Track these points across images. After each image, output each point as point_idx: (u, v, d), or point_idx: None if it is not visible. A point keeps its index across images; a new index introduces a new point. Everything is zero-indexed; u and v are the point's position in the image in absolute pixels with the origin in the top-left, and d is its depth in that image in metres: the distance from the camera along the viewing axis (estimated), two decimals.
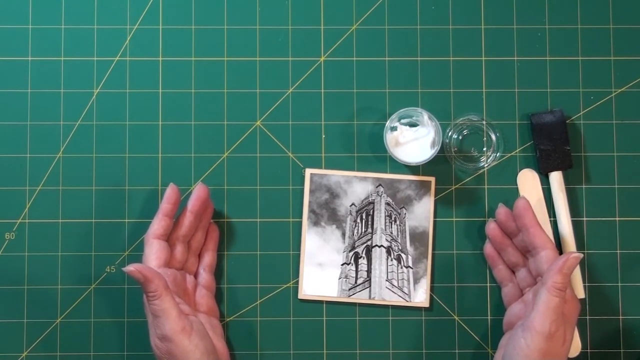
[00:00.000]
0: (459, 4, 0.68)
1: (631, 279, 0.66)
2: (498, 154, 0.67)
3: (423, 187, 0.66)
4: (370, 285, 0.65)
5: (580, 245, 0.66)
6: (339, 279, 0.65)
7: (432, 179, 0.66)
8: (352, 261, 0.65)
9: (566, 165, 0.65)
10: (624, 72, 0.67)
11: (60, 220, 0.66)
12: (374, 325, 0.66)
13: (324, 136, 0.67)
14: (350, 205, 0.66)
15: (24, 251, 0.66)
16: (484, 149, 0.67)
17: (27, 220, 0.66)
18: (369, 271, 0.65)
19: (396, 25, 0.68)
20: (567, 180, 0.66)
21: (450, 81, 0.67)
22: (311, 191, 0.65)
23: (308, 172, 0.66)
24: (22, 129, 0.67)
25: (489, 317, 0.66)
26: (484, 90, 0.67)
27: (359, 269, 0.65)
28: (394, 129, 0.64)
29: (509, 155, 0.67)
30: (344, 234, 0.66)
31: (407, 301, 0.65)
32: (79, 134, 0.67)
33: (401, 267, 0.65)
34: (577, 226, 0.66)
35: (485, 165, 0.67)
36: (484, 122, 0.67)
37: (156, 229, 0.60)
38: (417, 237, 0.66)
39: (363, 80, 0.67)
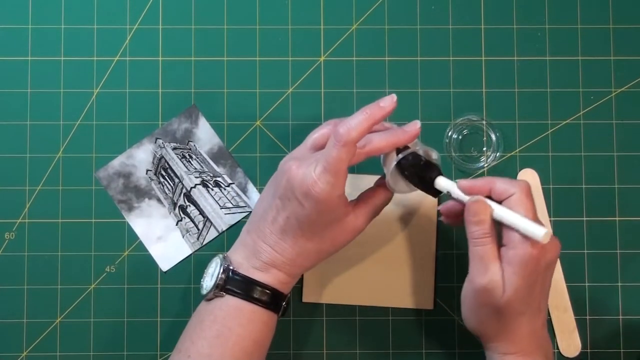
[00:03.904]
0: (459, 4, 0.68)
1: (631, 279, 0.66)
2: (498, 154, 0.67)
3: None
4: (212, 222, 0.66)
5: (580, 245, 0.66)
6: (183, 237, 0.66)
7: None
8: (182, 214, 0.65)
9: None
10: (624, 72, 0.67)
11: (60, 220, 0.66)
12: (374, 325, 0.66)
13: None
14: (147, 173, 0.66)
15: (24, 251, 0.66)
16: (484, 149, 0.67)
17: (27, 220, 0.66)
18: (201, 212, 0.66)
19: (396, 25, 0.68)
20: (568, 180, 0.66)
21: (450, 81, 0.67)
22: (106, 187, 0.65)
23: (96, 174, 0.66)
24: (22, 129, 0.67)
25: None
26: (484, 90, 0.67)
27: (193, 217, 0.65)
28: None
29: (509, 155, 0.67)
30: (159, 200, 0.66)
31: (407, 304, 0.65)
32: (79, 134, 0.67)
33: (224, 189, 0.66)
34: (577, 226, 0.66)
35: (485, 165, 0.67)
36: (484, 122, 0.67)
37: (359, 132, 0.52)
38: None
39: (363, 80, 0.67)
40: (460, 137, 0.67)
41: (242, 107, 0.67)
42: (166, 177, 0.66)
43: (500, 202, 0.54)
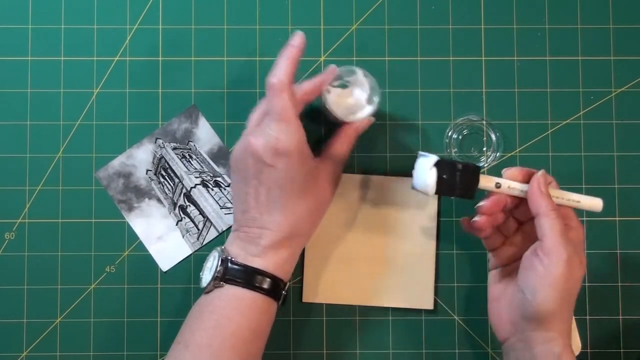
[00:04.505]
0: (459, 4, 0.68)
1: (631, 279, 0.66)
2: (498, 154, 0.67)
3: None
4: (212, 222, 0.66)
5: None
6: (183, 237, 0.66)
7: None
8: (182, 214, 0.66)
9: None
10: (624, 72, 0.67)
11: (60, 220, 0.66)
12: (374, 325, 0.66)
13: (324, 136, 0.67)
14: (147, 173, 0.66)
15: (24, 251, 0.66)
16: (484, 149, 0.67)
17: (27, 220, 0.66)
18: (201, 212, 0.66)
19: (396, 25, 0.68)
20: (568, 180, 0.66)
21: (450, 81, 0.67)
22: (106, 187, 0.65)
23: (96, 174, 0.66)
24: (22, 129, 0.67)
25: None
26: (484, 90, 0.67)
27: (193, 217, 0.66)
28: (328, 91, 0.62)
29: (509, 155, 0.67)
30: (159, 200, 0.66)
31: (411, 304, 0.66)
32: (79, 134, 0.67)
33: (224, 189, 0.66)
34: None
35: (485, 165, 0.67)
36: (484, 122, 0.67)
37: (288, 74, 0.56)
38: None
39: None
40: (460, 137, 0.67)
41: (242, 107, 0.67)
42: (166, 177, 0.66)
43: None
